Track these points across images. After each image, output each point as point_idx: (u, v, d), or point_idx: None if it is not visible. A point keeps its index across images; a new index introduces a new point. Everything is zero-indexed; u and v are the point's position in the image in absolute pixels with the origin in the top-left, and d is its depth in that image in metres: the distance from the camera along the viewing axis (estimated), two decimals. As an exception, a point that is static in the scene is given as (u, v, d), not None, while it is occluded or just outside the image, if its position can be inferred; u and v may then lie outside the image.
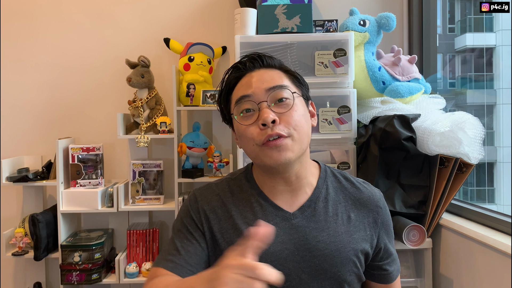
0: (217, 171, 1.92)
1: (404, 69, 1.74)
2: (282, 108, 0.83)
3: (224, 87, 0.91)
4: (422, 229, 1.43)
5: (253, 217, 0.87)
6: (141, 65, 1.91)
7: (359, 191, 0.93)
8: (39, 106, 2.09)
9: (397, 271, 0.95)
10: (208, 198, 0.91)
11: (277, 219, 0.86)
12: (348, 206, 0.90)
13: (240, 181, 0.93)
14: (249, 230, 0.59)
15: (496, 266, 1.20)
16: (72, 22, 2.09)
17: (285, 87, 0.85)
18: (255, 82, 0.85)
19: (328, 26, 1.81)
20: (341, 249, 0.85)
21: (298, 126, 0.83)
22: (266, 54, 0.91)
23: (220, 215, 0.88)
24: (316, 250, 0.84)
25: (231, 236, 0.86)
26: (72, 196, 1.88)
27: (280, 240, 0.84)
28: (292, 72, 0.91)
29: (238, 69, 0.89)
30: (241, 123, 0.85)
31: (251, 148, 0.84)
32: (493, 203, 2.79)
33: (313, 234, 0.85)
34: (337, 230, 0.86)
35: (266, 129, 0.81)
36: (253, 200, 0.89)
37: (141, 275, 1.89)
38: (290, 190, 0.88)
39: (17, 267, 2.07)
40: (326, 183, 0.92)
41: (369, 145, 1.57)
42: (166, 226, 2.12)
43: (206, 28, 2.10)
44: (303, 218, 0.87)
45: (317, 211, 0.88)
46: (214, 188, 0.93)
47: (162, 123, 1.91)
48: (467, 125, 1.40)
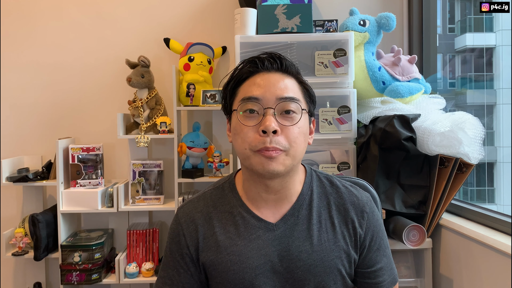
0: (217, 171, 1.92)
1: (404, 69, 1.74)
2: (287, 120, 0.80)
3: (235, 78, 0.86)
4: (422, 229, 1.43)
5: (235, 231, 0.86)
6: (141, 65, 1.91)
7: (343, 196, 0.90)
8: (39, 106, 2.09)
9: (390, 283, 0.90)
10: (190, 218, 0.89)
11: (259, 232, 0.85)
12: (332, 212, 0.88)
13: (222, 192, 0.92)
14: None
15: (496, 266, 1.20)
16: (72, 22, 2.09)
17: (297, 101, 0.82)
18: (268, 86, 0.81)
19: (328, 26, 1.81)
20: (324, 258, 0.83)
21: (296, 143, 0.80)
22: (287, 57, 0.87)
23: (204, 233, 0.87)
24: (298, 260, 0.83)
25: (214, 254, 0.85)
26: (72, 196, 1.87)
27: (263, 253, 0.83)
28: (307, 85, 0.88)
29: (255, 64, 0.84)
30: (242, 122, 0.82)
31: (243, 150, 0.82)
32: (493, 203, 2.79)
33: (295, 244, 0.84)
34: (320, 239, 0.85)
35: (264, 138, 0.78)
36: (235, 213, 0.87)
37: (141, 275, 1.89)
38: (274, 199, 0.87)
39: (17, 267, 2.07)
40: (311, 188, 0.90)
41: (369, 145, 1.57)
42: (166, 226, 2.12)
43: (206, 28, 2.10)
44: (286, 228, 0.85)
45: (300, 219, 0.86)
46: (197, 204, 0.91)
47: (162, 123, 1.91)
48: (467, 125, 1.40)
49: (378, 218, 0.92)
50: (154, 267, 1.91)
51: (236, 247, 0.84)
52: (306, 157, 1.66)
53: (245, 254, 0.84)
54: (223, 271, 0.84)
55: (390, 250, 0.93)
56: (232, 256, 0.84)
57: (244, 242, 0.85)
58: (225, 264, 0.84)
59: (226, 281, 0.84)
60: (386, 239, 0.93)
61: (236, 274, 0.83)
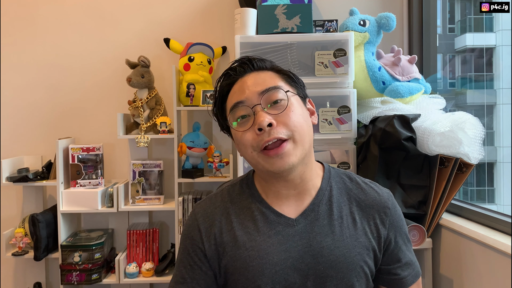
0: (217, 171, 1.92)
1: (404, 69, 1.74)
2: (278, 109, 0.80)
3: (218, 96, 0.88)
4: (422, 229, 1.43)
5: (254, 226, 0.84)
6: (141, 65, 1.91)
7: (364, 192, 0.89)
8: (39, 106, 2.09)
9: (413, 277, 0.88)
10: (207, 213, 0.88)
11: (279, 227, 0.83)
12: (353, 208, 0.87)
13: (240, 188, 0.91)
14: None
15: (496, 266, 1.20)
16: (72, 22, 2.09)
17: (278, 88, 0.82)
18: (248, 86, 0.82)
19: (328, 26, 1.81)
20: (346, 254, 0.81)
21: (298, 127, 0.80)
22: (256, 57, 0.88)
23: (221, 228, 0.86)
24: (320, 256, 0.81)
25: (232, 249, 0.83)
26: (72, 196, 1.88)
27: (283, 249, 0.82)
28: (285, 71, 0.88)
29: (229, 75, 0.87)
30: (238, 130, 0.82)
31: (250, 155, 0.82)
32: (493, 203, 2.79)
33: (317, 239, 0.82)
34: (342, 234, 0.83)
35: (262, 134, 0.78)
36: (254, 208, 0.86)
37: (141, 275, 1.89)
38: (295, 194, 0.86)
39: (17, 267, 2.07)
40: (330, 184, 0.88)
41: (369, 145, 1.57)
42: (166, 226, 2.12)
43: (206, 28, 2.10)
44: (306, 224, 0.84)
45: (321, 214, 0.84)
46: (214, 200, 0.91)
47: (162, 123, 1.91)
48: (467, 125, 1.40)
49: (400, 214, 0.91)
50: (154, 267, 1.91)
51: (255, 243, 0.82)
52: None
53: (265, 250, 0.81)
54: (242, 267, 0.81)
55: (411, 245, 0.93)
56: (251, 252, 0.82)
57: (263, 237, 0.83)
58: (243, 260, 0.82)
59: (245, 278, 0.81)
60: (408, 233, 0.92)
61: (255, 270, 0.80)
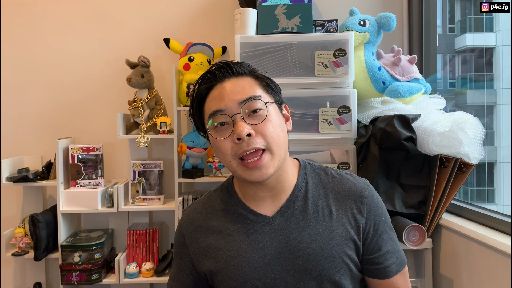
0: (217, 171, 1.92)
1: (404, 69, 1.74)
2: (256, 119, 0.82)
3: (195, 99, 0.89)
4: (422, 229, 1.43)
5: (233, 227, 0.89)
6: (141, 65, 1.91)
7: (340, 183, 0.91)
8: (39, 106, 2.09)
9: (398, 265, 0.89)
10: (190, 218, 0.94)
11: (257, 226, 0.87)
12: (330, 200, 0.89)
13: (221, 193, 0.96)
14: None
15: (496, 266, 1.20)
16: (72, 22, 2.08)
17: (258, 98, 0.83)
18: (227, 94, 0.83)
19: (328, 26, 1.82)
20: (323, 246, 0.83)
21: (275, 138, 0.82)
22: (235, 61, 0.90)
23: (203, 233, 0.91)
24: (297, 250, 0.84)
25: (214, 251, 0.88)
26: (72, 196, 1.87)
27: (261, 246, 0.85)
28: (264, 78, 0.90)
29: (208, 79, 0.87)
30: (216, 137, 0.84)
31: (228, 163, 0.84)
32: (493, 203, 2.79)
33: (293, 234, 0.85)
34: (317, 228, 0.85)
35: (241, 143, 0.80)
36: (233, 210, 0.91)
37: (141, 275, 1.89)
38: (271, 195, 0.89)
39: (17, 267, 2.07)
40: (306, 180, 0.91)
41: (369, 145, 1.57)
42: (166, 226, 2.12)
43: (206, 28, 2.10)
44: (282, 220, 0.87)
45: (296, 210, 0.87)
46: (197, 206, 0.96)
47: (162, 123, 1.91)
48: (467, 125, 1.40)
49: (379, 202, 0.91)
50: (154, 267, 1.91)
51: (235, 243, 0.87)
52: (306, 157, 1.66)
53: (243, 249, 0.86)
54: (224, 267, 0.86)
55: (395, 233, 0.93)
56: (231, 252, 0.86)
57: (242, 237, 0.87)
58: (224, 260, 0.86)
59: (228, 277, 0.85)
60: (390, 222, 0.92)
61: (235, 269, 0.85)
